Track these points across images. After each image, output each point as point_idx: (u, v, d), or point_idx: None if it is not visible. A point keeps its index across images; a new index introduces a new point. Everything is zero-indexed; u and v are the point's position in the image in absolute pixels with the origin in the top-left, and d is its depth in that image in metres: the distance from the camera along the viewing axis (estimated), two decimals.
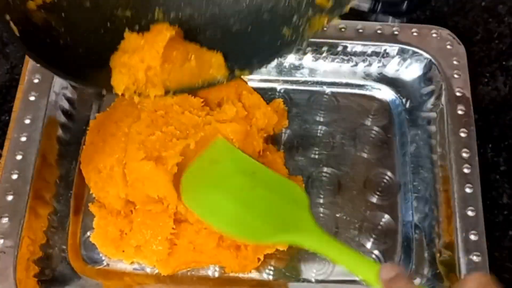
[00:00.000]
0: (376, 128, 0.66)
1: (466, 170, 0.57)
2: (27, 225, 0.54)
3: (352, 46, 0.66)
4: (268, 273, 0.57)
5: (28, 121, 0.58)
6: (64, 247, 0.57)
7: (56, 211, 0.58)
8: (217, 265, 0.57)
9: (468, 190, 0.55)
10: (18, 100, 0.60)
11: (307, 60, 0.67)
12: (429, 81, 0.65)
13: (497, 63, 0.70)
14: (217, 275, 0.57)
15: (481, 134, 0.62)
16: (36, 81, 0.60)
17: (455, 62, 0.63)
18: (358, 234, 0.59)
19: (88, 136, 0.61)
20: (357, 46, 0.66)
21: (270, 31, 0.50)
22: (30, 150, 0.57)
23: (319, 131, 0.65)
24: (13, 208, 0.54)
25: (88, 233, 0.58)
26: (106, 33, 0.51)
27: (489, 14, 0.74)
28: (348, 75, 0.68)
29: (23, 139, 0.57)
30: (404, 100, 0.67)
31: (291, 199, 0.53)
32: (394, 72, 0.67)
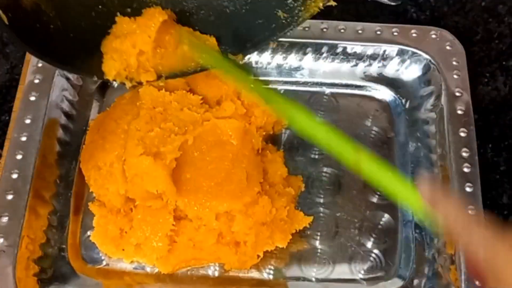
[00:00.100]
0: (376, 128, 0.66)
1: (466, 170, 0.57)
2: (27, 225, 0.54)
3: (352, 47, 0.66)
4: (268, 273, 0.57)
5: (28, 121, 0.58)
6: (64, 247, 0.57)
7: (56, 211, 0.58)
8: (217, 264, 0.57)
9: (468, 189, 0.55)
10: (18, 100, 0.61)
11: (307, 61, 0.67)
12: (429, 82, 0.65)
13: (497, 63, 0.70)
14: (217, 275, 0.57)
15: (481, 134, 0.62)
16: (37, 81, 0.60)
17: (455, 63, 0.63)
18: (358, 234, 0.59)
19: (88, 136, 0.61)
20: (357, 47, 0.66)
21: (265, 14, 0.50)
22: (30, 150, 0.57)
23: None
24: (13, 208, 0.54)
25: (88, 233, 0.58)
26: (98, 17, 0.50)
27: (489, 14, 0.74)
28: (348, 76, 0.68)
29: (23, 139, 0.57)
30: (404, 101, 0.67)
31: None
32: (394, 73, 0.67)
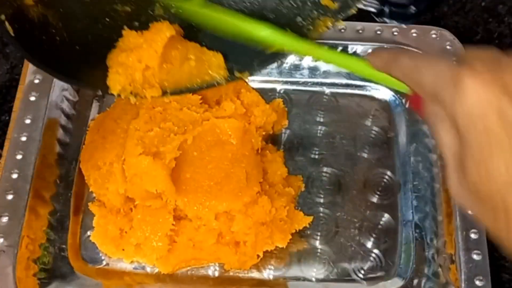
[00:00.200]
0: (376, 128, 0.66)
1: None
2: (27, 225, 0.54)
3: (352, 47, 0.66)
4: (268, 273, 0.57)
5: (28, 121, 0.58)
6: (64, 247, 0.57)
7: (56, 211, 0.58)
8: (217, 264, 0.57)
9: None
10: (18, 100, 0.61)
11: (307, 61, 0.67)
12: None
13: None
14: (217, 275, 0.57)
15: None
16: (37, 81, 0.60)
17: (455, 63, 0.63)
18: (358, 234, 0.59)
19: (88, 136, 0.61)
20: (357, 47, 0.65)
21: None
22: (30, 150, 0.57)
23: (319, 131, 0.65)
24: (13, 208, 0.54)
25: (88, 233, 0.58)
26: (104, 30, 0.50)
27: (489, 14, 0.73)
28: (348, 76, 0.68)
29: (23, 139, 0.57)
30: (404, 100, 0.67)
31: None
32: None
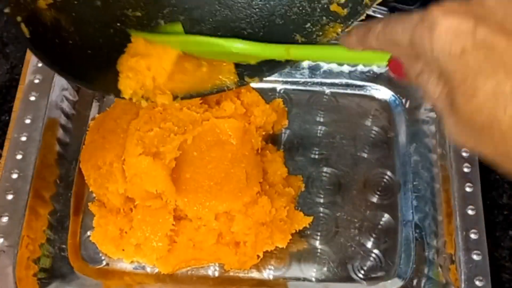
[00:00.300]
0: (376, 128, 0.66)
1: (466, 169, 0.57)
2: (27, 224, 0.54)
3: None
4: (268, 273, 0.57)
5: (28, 121, 0.58)
6: (64, 247, 0.57)
7: (56, 211, 0.58)
8: (217, 265, 0.57)
9: (468, 189, 0.55)
10: (18, 100, 0.61)
11: (307, 61, 0.67)
12: None
13: None
14: (217, 275, 0.57)
15: None
16: (37, 81, 0.60)
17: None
18: (358, 234, 0.59)
19: (88, 136, 0.61)
20: None
21: (282, 38, 0.49)
22: (30, 150, 0.57)
23: (319, 131, 0.65)
24: (13, 207, 0.54)
25: (88, 233, 0.58)
26: (115, 34, 0.50)
27: None
28: (348, 76, 0.68)
29: (23, 139, 0.57)
30: (404, 100, 0.67)
31: None
32: None
